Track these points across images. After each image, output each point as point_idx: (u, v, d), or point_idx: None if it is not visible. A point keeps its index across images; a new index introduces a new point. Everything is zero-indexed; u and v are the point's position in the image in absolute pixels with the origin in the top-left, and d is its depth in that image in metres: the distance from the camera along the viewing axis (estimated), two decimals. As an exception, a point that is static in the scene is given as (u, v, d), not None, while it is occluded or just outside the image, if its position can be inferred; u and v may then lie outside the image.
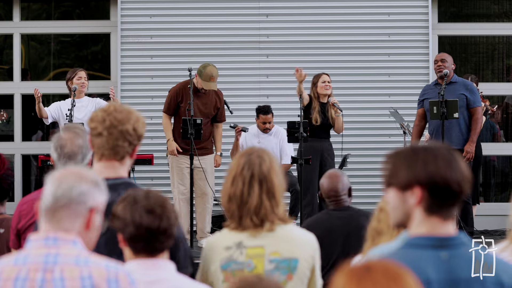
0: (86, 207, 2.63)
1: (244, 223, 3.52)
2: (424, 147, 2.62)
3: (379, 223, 3.77)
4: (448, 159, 2.58)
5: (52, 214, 2.62)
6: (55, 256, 2.57)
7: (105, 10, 11.18)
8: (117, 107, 3.52)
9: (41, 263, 2.56)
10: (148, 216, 3.05)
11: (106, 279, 2.56)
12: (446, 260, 2.56)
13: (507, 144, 11.27)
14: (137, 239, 3.06)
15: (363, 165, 10.41)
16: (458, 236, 2.60)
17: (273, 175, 3.55)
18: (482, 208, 10.32)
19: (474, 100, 8.88)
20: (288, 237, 3.55)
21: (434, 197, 2.57)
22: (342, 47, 10.68)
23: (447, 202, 2.59)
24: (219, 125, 9.06)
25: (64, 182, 2.65)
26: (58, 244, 2.59)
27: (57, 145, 3.99)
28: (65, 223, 2.61)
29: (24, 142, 11.04)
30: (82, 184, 2.65)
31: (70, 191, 2.63)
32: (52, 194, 2.64)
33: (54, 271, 2.54)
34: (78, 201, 2.62)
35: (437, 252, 2.57)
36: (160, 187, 9.77)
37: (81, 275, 2.54)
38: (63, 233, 2.61)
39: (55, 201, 2.62)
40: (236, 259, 3.51)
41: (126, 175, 3.54)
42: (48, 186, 2.66)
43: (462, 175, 2.57)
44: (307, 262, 3.56)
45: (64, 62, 11.63)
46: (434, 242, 2.58)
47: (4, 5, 11.23)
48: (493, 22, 11.33)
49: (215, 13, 10.70)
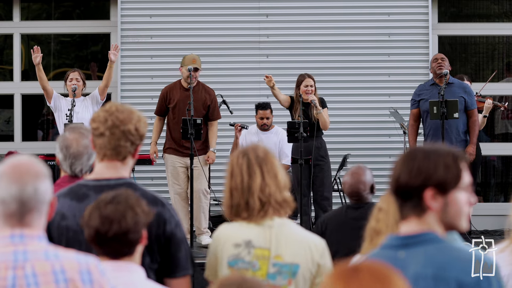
0: (48, 202, 2.62)
1: (251, 207, 3.53)
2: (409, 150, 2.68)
3: (377, 223, 3.77)
4: (405, 157, 2.62)
5: (18, 219, 2.56)
6: (23, 253, 2.54)
7: (105, 10, 11.18)
8: (118, 107, 3.51)
9: (11, 260, 2.52)
10: (100, 220, 3.03)
11: (78, 271, 2.55)
12: (402, 259, 2.58)
13: (507, 144, 11.28)
14: (91, 242, 3.06)
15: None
16: (421, 234, 2.61)
17: (271, 157, 3.59)
18: (482, 208, 10.32)
19: (471, 103, 8.94)
20: (293, 240, 3.55)
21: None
22: (342, 47, 10.68)
23: (398, 200, 2.65)
24: (213, 123, 9.04)
25: (26, 184, 2.56)
26: (25, 240, 2.55)
27: (62, 146, 3.99)
28: (32, 223, 2.59)
29: (24, 142, 11.04)
30: (42, 183, 2.59)
31: (35, 194, 2.57)
32: (16, 199, 2.55)
33: (25, 267, 2.52)
34: (43, 201, 2.59)
35: (396, 251, 2.61)
36: (160, 187, 9.78)
37: (53, 269, 2.53)
38: (28, 229, 2.58)
39: (21, 206, 2.56)
40: (243, 258, 3.53)
41: (128, 176, 3.54)
42: (4, 187, 2.56)
43: (407, 170, 2.59)
44: (308, 268, 3.56)
45: (64, 62, 11.63)
46: (394, 241, 2.64)
47: (4, 5, 11.23)
48: (493, 22, 11.34)
49: (215, 13, 10.71)
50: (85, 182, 3.53)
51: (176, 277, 3.49)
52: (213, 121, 9.04)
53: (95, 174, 3.52)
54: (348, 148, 10.26)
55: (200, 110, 8.90)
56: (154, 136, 9.11)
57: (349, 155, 10.08)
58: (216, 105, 9.08)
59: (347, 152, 10.07)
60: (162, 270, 3.49)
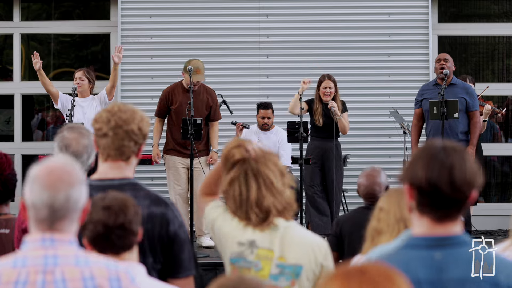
0: (80, 209, 2.61)
1: (250, 218, 3.52)
2: (429, 147, 2.61)
3: (378, 223, 3.77)
4: (441, 160, 2.55)
5: (49, 224, 2.55)
6: (54, 258, 2.52)
7: (105, 10, 11.18)
8: (121, 107, 3.51)
9: (41, 265, 2.51)
10: (104, 213, 3.06)
11: (108, 278, 2.53)
12: (439, 260, 2.55)
13: (507, 144, 11.28)
14: (97, 237, 3.06)
15: (363, 165, 10.36)
16: (456, 236, 2.58)
17: (264, 168, 3.56)
18: (482, 208, 10.33)
19: (473, 104, 8.95)
20: (297, 241, 3.54)
21: (422, 197, 2.57)
22: (342, 47, 10.68)
23: (437, 204, 2.56)
24: (214, 123, 9.06)
25: (58, 191, 2.54)
26: (55, 245, 2.54)
27: (61, 145, 3.98)
28: (62, 228, 2.57)
29: (24, 142, 11.04)
30: (75, 190, 2.56)
31: (67, 202, 2.54)
32: (47, 206, 2.53)
33: (55, 272, 2.50)
34: (75, 208, 2.56)
35: (431, 252, 2.56)
36: (160, 187, 9.77)
37: (82, 276, 2.51)
38: (58, 234, 2.56)
39: (52, 213, 2.54)
40: (246, 257, 3.52)
41: (132, 176, 3.53)
42: (37, 192, 2.54)
43: (460, 177, 2.54)
44: (311, 269, 3.55)
45: (64, 62, 11.62)
46: (428, 242, 2.57)
47: (4, 5, 11.23)
48: (493, 22, 11.34)
49: (215, 13, 10.70)
50: (88, 182, 3.52)
51: (179, 277, 3.49)
52: (214, 121, 9.05)
53: (99, 174, 3.52)
54: (348, 148, 10.26)
55: (202, 111, 8.91)
56: (155, 138, 9.10)
57: (349, 155, 10.08)
58: (217, 106, 9.10)
59: (347, 152, 10.07)
60: (165, 271, 3.48)
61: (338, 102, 9.10)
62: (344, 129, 9.12)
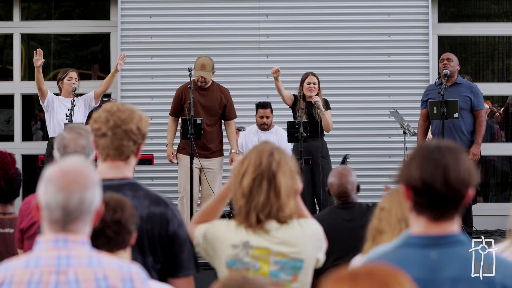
0: (94, 211, 2.60)
1: (250, 219, 3.50)
2: (424, 147, 2.61)
3: (380, 222, 3.77)
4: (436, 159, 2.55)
5: (62, 226, 2.55)
6: (67, 258, 2.52)
7: (105, 10, 11.18)
8: (120, 107, 3.51)
9: (54, 265, 2.51)
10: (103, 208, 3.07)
11: (121, 279, 2.53)
12: (435, 259, 2.56)
13: (507, 144, 11.28)
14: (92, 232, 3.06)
15: (363, 165, 10.40)
16: (453, 235, 2.58)
17: (280, 174, 3.51)
18: (482, 208, 10.32)
19: (478, 103, 8.93)
20: (293, 236, 3.53)
21: (418, 197, 2.57)
22: (342, 47, 10.68)
23: (433, 203, 2.56)
24: (230, 123, 9.06)
25: (72, 193, 2.53)
26: (68, 245, 2.54)
27: (60, 145, 3.98)
28: (75, 230, 2.57)
29: (24, 142, 11.04)
30: (89, 192, 2.56)
31: (80, 204, 2.54)
32: (61, 208, 2.53)
33: (68, 273, 2.50)
34: (88, 211, 2.56)
35: (427, 251, 2.57)
36: (160, 187, 9.77)
37: (95, 277, 2.51)
38: (72, 235, 2.56)
39: (66, 215, 2.54)
40: (241, 259, 3.49)
41: (132, 175, 3.53)
42: (51, 193, 2.54)
43: (454, 177, 2.54)
44: (312, 261, 3.56)
45: (64, 62, 11.63)
46: (424, 241, 2.58)
47: (4, 5, 11.23)
48: (493, 22, 11.34)
49: (215, 13, 10.70)
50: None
51: (179, 277, 3.49)
52: (230, 120, 9.05)
53: (98, 174, 3.51)
54: (348, 148, 10.26)
55: (216, 109, 8.92)
56: (170, 137, 9.06)
57: (349, 155, 10.08)
58: (232, 104, 9.08)
59: (347, 152, 10.07)
60: (165, 270, 3.48)
61: (321, 100, 9.09)
62: (328, 126, 9.08)
